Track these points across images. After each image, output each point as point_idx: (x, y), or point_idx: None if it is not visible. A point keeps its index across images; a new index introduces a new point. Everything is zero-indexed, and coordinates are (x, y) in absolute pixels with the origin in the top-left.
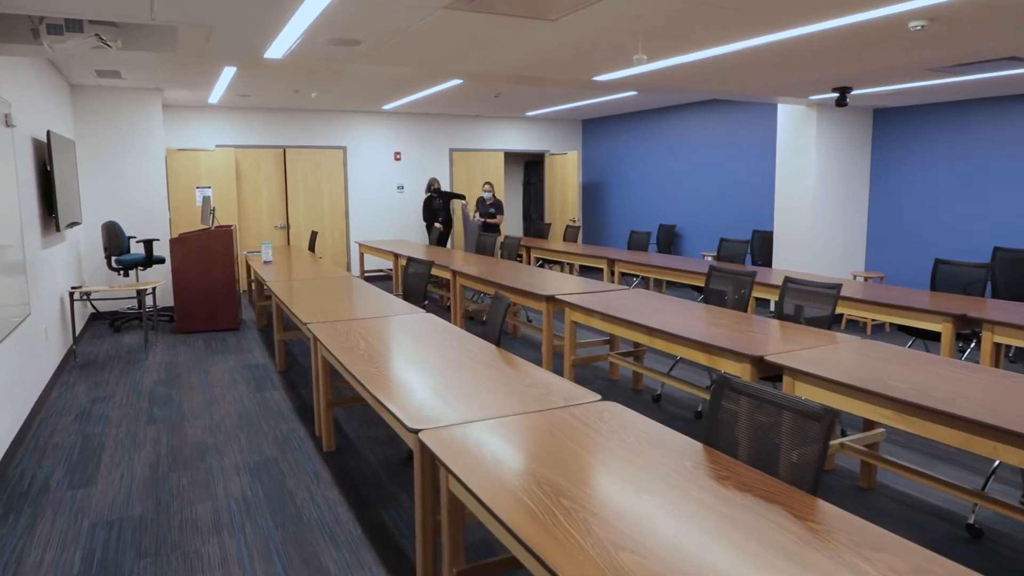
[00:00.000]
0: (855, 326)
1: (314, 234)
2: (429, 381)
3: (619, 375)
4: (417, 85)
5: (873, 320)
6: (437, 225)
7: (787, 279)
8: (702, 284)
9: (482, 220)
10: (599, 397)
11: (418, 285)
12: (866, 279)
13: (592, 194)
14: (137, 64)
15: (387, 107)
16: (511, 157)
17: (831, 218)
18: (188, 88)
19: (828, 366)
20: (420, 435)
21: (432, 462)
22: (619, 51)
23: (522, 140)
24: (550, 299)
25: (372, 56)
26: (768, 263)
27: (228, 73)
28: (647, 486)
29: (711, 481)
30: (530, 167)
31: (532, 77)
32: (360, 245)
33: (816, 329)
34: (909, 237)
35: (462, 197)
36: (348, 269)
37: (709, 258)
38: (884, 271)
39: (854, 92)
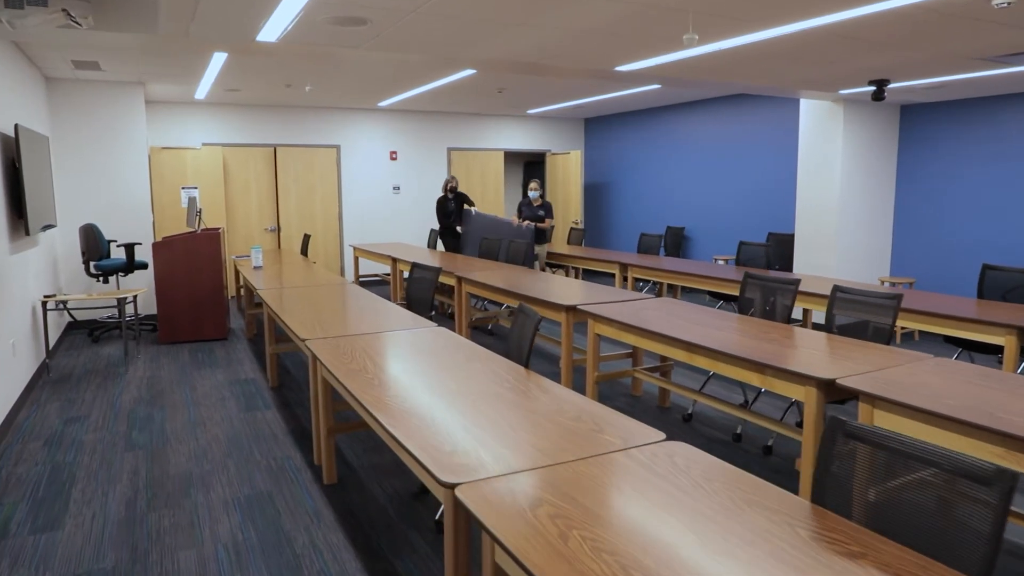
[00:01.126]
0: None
1: (307, 237)
2: (457, 415)
3: (642, 391)
4: (419, 78)
5: (903, 329)
6: (458, 229)
7: (837, 288)
8: (721, 290)
9: (529, 225)
10: (663, 436)
11: (423, 293)
12: (892, 285)
13: (595, 195)
14: (116, 51)
15: (383, 104)
16: (510, 157)
17: (858, 220)
18: (173, 82)
19: (913, 391)
20: (457, 491)
21: (468, 523)
22: (651, 35)
23: (523, 139)
24: (571, 310)
25: (378, 39)
26: (786, 267)
27: (216, 63)
28: (759, 562)
29: (838, 558)
30: (530, 168)
31: (550, 67)
32: (355, 249)
33: (876, 345)
34: (939, 240)
35: (471, 204)
36: (342, 274)
37: (721, 262)
38: (912, 276)
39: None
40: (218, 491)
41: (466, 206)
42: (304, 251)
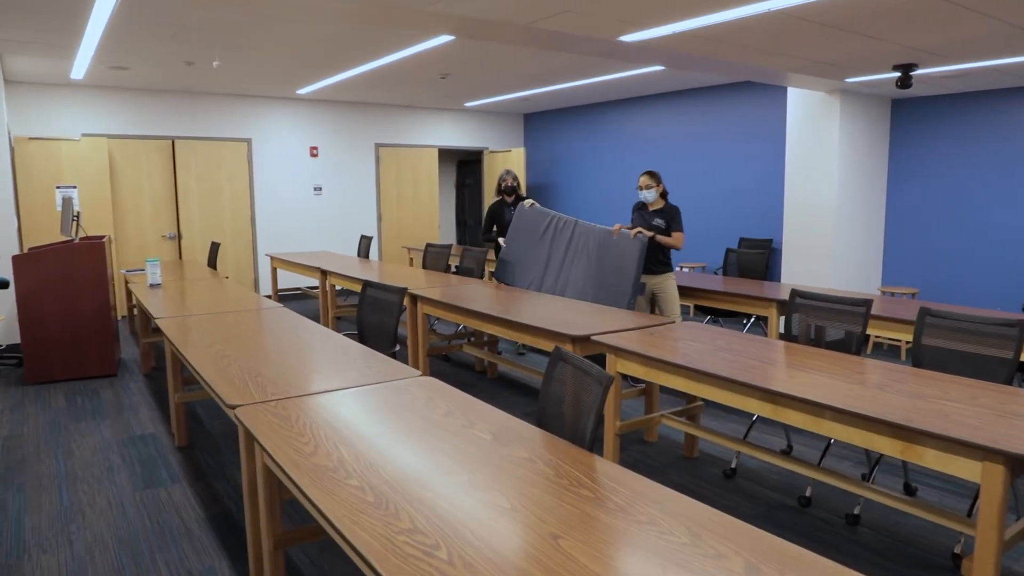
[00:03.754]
0: (879, 348)
1: (215, 246)
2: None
3: (657, 435)
4: (353, 56)
5: (908, 343)
6: (502, 242)
7: (925, 312)
8: (710, 304)
9: (640, 236)
10: None
11: (383, 322)
12: (892, 295)
13: (537, 197)
14: None
15: (303, 91)
16: (442, 156)
17: (853, 224)
18: (41, 54)
19: None
20: None
21: None
22: None
23: (458, 135)
24: (581, 341)
25: None
26: (764, 276)
27: (97, 20)
28: None
29: None
30: (464, 167)
31: (547, 32)
32: (272, 259)
33: (1003, 387)
34: (937, 246)
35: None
36: (256, 288)
37: (686, 269)
38: (907, 284)
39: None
40: None
41: (526, 202)
42: (212, 263)
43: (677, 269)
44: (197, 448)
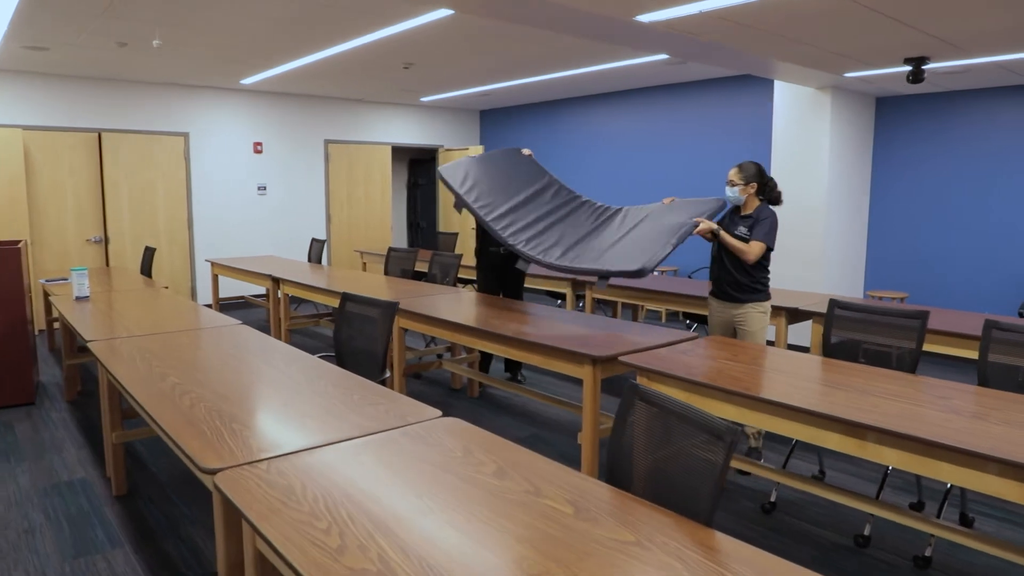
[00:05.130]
0: (931, 361)
1: (150, 252)
2: None
3: None
4: (311, 39)
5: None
6: (520, 268)
7: (992, 324)
8: (701, 312)
9: (692, 221)
10: None
11: (372, 344)
12: (881, 300)
13: None
14: None
15: (247, 81)
16: (394, 154)
17: (844, 227)
18: None
19: None
20: None
21: None
22: None
23: (412, 132)
24: (603, 362)
25: None
26: None
27: None
28: None
29: None
30: (416, 165)
31: (552, 3)
32: (213, 265)
33: None
34: (923, 248)
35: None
36: (193, 296)
37: (658, 273)
38: (892, 288)
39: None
40: None
41: (524, 150)
42: (147, 270)
43: (656, 274)
44: (140, 497)
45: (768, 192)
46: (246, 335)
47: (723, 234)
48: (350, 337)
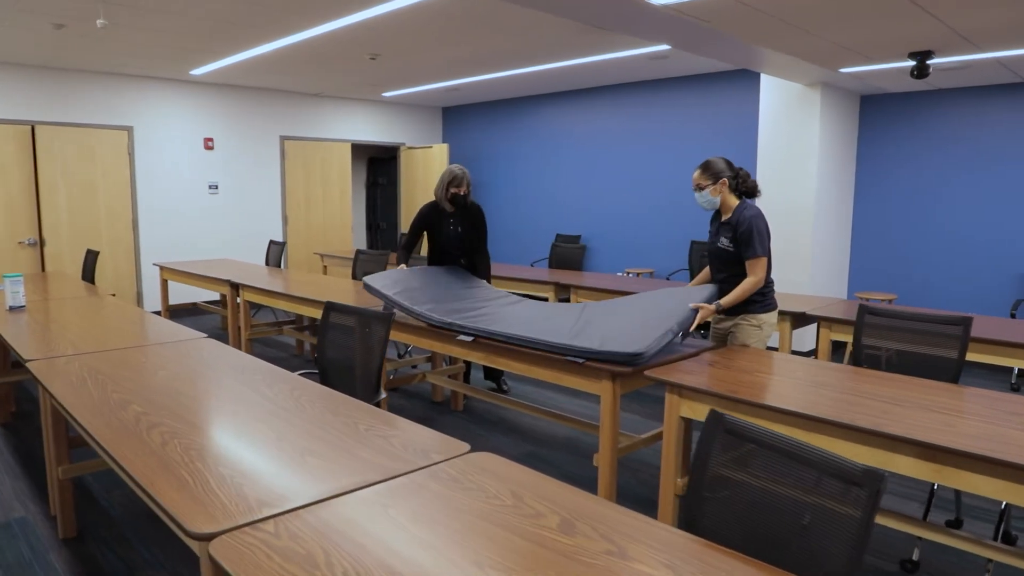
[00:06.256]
0: (975, 371)
1: (92, 255)
2: None
3: None
4: (271, 25)
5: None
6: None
7: None
8: None
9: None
10: None
11: (366, 361)
12: (868, 301)
13: None
14: None
15: (198, 72)
16: (352, 152)
17: (831, 226)
18: None
19: None
20: None
21: None
22: None
23: (373, 129)
24: (624, 377)
25: None
26: None
27: None
28: None
29: None
30: (376, 164)
31: None
32: (162, 269)
33: None
34: (910, 249)
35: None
36: (139, 302)
37: (634, 275)
38: (878, 290)
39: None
40: None
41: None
42: (89, 276)
43: (622, 274)
44: (91, 539)
45: (741, 184)
46: (212, 350)
47: (724, 301)
48: (339, 352)
